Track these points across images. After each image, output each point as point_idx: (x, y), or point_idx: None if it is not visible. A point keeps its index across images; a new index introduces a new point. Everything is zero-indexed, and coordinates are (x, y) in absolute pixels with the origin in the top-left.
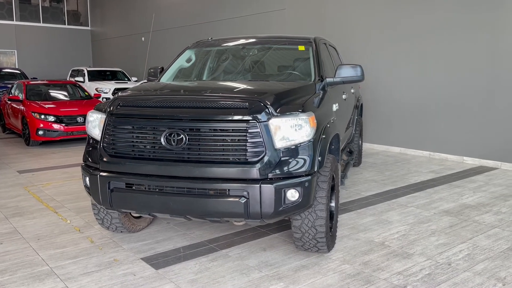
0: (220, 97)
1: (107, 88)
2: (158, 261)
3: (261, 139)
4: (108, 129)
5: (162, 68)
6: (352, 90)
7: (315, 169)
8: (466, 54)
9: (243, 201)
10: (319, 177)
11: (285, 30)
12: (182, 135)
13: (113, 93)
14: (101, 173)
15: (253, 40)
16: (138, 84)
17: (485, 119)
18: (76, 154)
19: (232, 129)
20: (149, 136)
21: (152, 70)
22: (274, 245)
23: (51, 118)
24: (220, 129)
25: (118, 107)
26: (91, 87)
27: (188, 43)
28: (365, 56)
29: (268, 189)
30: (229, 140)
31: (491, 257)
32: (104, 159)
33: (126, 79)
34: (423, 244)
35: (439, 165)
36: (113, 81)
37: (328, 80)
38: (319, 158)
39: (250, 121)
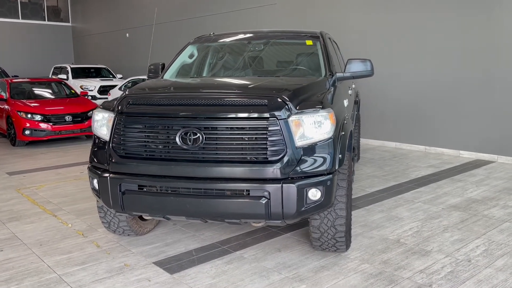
0: (237, 94)
1: (92, 86)
2: (172, 265)
3: (281, 137)
4: (117, 129)
5: (163, 65)
6: (353, 85)
7: (336, 167)
8: (461, 49)
9: (264, 202)
10: (339, 175)
11: (276, 25)
12: (198, 134)
13: (99, 91)
14: (111, 175)
15: (258, 35)
16: (124, 81)
17: (480, 113)
18: (66, 154)
19: (252, 127)
20: (162, 136)
21: (152, 66)
22: (288, 245)
23: (38, 117)
24: (238, 127)
25: (128, 105)
26: (75, 84)
27: (177, 38)
28: (359, 52)
29: (290, 189)
30: (248, 139)
31: (508, 252)
32: (114, 160)
33: (111, 76)
34: (439, 241)
35: (437, 159)
36: (98, 79)
37: (338, 75)
38: (339, 156)
39: (270, 119)
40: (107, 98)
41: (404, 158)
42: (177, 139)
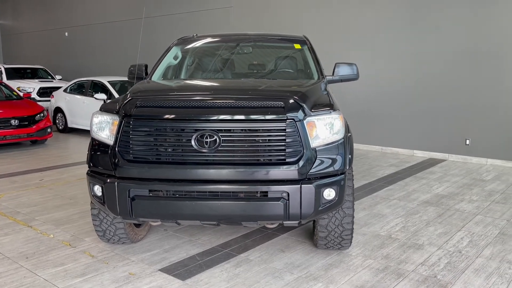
0: (253, 97)
1: (31, 88)
2: (179, 271)
3: (298, 138)
4: (125, 132)
5: (146, 66)
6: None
7: (347, 167)
8: (413, 52)
9: (282, 203)
10: (347, 175)
11: (232, 28)
12: (215, 137)
13: (39, 93)
14: (118, 181)
15: (245, 37)
16: (70, 83)
17: (431, 115)
18: (15, 161)
19: (269, 129)
20: (176, 139)
21: (132, 68)
22: (290, 245)
23: None
24: (255, 129)
25: (137, 108)
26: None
27: (124, 39)
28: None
29: (309, 189)
30: (266, 140)
31: (490, 242)
32: (121, 165)
33: (49, 77)
34: (426, 235)
35: (395, 158)
36: (36, 80)
37: (328, 78)
38: (349, 156)
39: (288, 120)
40: (49, 100)
41: (364, 158)
42: (192, 142)
